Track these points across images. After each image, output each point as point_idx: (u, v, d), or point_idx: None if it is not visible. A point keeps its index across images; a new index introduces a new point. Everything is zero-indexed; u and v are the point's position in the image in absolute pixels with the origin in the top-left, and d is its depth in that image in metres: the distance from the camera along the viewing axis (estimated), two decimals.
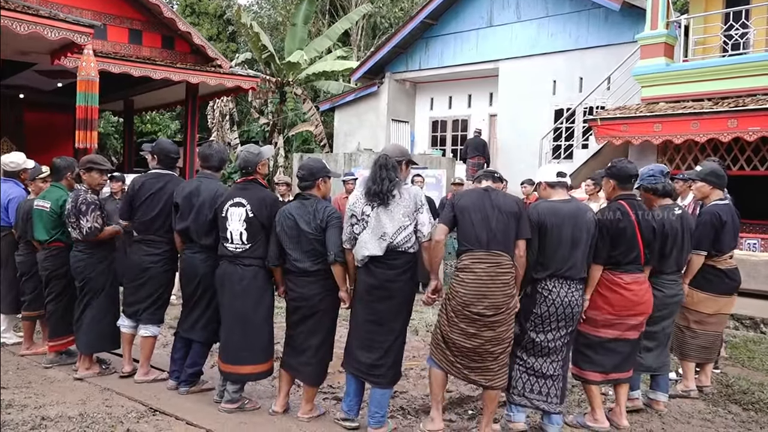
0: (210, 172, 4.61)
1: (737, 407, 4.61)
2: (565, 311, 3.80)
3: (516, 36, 14.18)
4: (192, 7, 25.99)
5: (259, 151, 4.37)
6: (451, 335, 3.75)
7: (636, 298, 3.97)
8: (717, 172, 4.80)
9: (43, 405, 4.22)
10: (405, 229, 3.76)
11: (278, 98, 19.21)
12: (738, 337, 6.73)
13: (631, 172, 4.13)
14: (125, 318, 4.80)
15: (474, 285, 3.65)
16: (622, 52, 11.75)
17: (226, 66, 12.96)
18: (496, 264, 3.65)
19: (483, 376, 3.73)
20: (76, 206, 4.71)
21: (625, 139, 10.22)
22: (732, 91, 9.53)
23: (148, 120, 22.97)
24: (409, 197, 3.80)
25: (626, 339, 4.04)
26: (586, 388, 4.14)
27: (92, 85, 8.73)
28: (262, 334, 4.22)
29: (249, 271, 4.16)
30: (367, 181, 3.89)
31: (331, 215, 3.98)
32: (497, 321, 3.65)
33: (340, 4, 25.47)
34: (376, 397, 3.85)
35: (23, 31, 8.22)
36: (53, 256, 5.04)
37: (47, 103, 14.52)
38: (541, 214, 3.84)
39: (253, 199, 4.16)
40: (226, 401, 4.21)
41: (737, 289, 4.88)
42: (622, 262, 3.97)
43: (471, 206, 3.75)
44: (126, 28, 11.86)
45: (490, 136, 15.61)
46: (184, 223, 4.43)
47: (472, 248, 3.70)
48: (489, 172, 4.06)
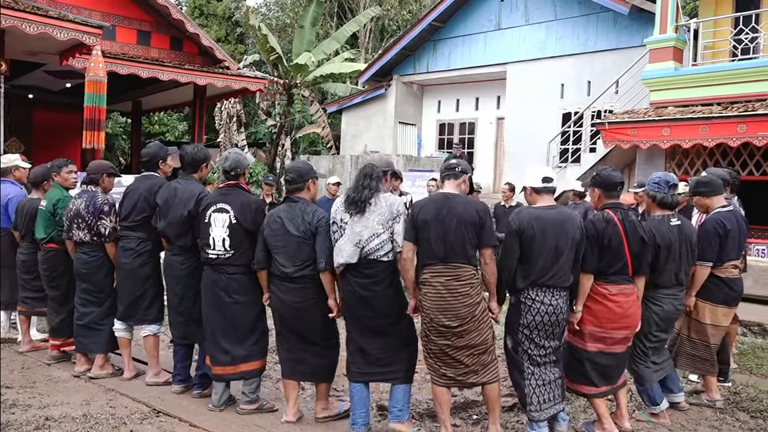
0: (186, 175, 4.58)
1: (745, 414, 4.55)
2: (550, 319, 3.74)
3: (524, 39, 14.16)
4: (201, 8, 26.10)
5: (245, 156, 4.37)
6: (429, 346, 3.76)
7: (621, 310, 3.85)
8: (703, 181, 4.67)
9: (47, 405, 4.23)
10: (378, 236, 3.73)
11: (286, 100, 19.22)
12: (746, 344, 6.66)
13: (616, 180, 4.05)
14: (117, 321, 4.77)
15: (435, 299, 3.65)
16: (631, 55, 11.71)
17: (234, 68, 13.00)
18: (455, 277, 3.63)
19: (470, 377, 3.72)
20: (97, 207, 4.71)
21: (633, 143, 10.16)
22: (741, 95, 9.45)
23: (156, 121, 23.06)
24: (386, 206, 3.77)
25: (613, 353, 3.95)
26: (591, 400, 4.09)
27: (100, 86, 8.77)
28: (250, 336, 4.19)
29: (235, 279, 4.11)
30: (349, 189, 3.89)
31: (321, 220, 3.93)
32: (465, 330, 3.64)
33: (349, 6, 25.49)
34: (396, 394, 3.84)
35: (33, 31, 8.27)
36: (50, 258, 5.10)
37: (56, 103, 14.59)
38: (523, 221, 3.75)
39: (236, 205, 4.11)
40: (245, 402, 4.19)
41: (737, 301, 4.69)
42: (608, 271, 3.86)
43: (430, 220, 3.65)
44: (135, 29, 11.90)
45: (498, 140, 15.58)
46: (161, 224, 4.46)
47: (430, 262, 3.67)
48: (451, 170, 3.83)
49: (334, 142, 19.08)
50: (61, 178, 5.17)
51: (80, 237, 4.77)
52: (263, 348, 4.29)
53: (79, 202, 4.78)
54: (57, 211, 4.99)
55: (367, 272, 3.76)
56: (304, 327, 4.00)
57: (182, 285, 4.42)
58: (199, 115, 13.29)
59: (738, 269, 4.67)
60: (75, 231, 4.78)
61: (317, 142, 21.59)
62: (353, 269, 3.77)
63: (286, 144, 18.80)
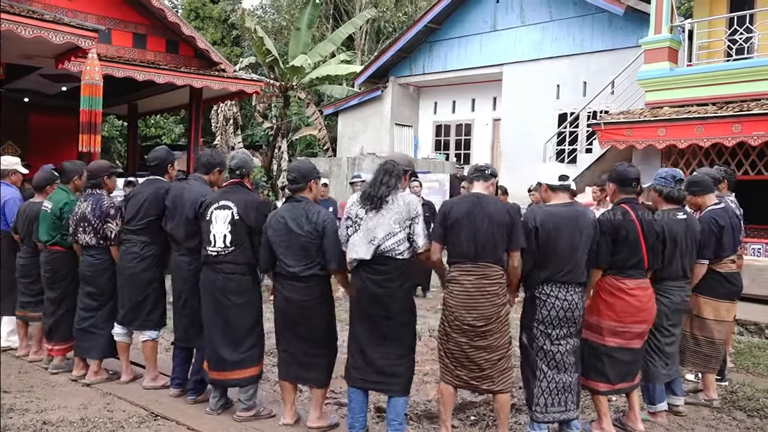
0: (198, 175, 4.60)
1: (742, 414, 4.57)
2: (566, 315, 3.76)
3: (520, 40, 14.17)
4: (197, 11, 26.08)
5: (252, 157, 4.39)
6: (448, 345, 3.75)
7: (639, 304, 3.93)
8: (694, 180, 4.79)
9: (45, 409, 4.22)
10: (394, 235, 3.71)
11: (282, 102, 19.24)
12: (743, 343, 6.68)
13: (632, 176, 4.10)
14: (117, 325, 4.75)
15: (462, 297, 3.66)
16: (626, 56, 11.72)
17: (230, 70, 12.98)
18: (483, 276, 3.64)
19: (483, 383, 3.71)
20: (103, 210, 4.70)
21: (628, 143, 10.19)
22: (736, 95, 9.49)
23: (153, 124, 23.06)
24: (403, 204, 3.74)
25: (631, 348, 4.00)
26: (594, 398, 4.10)
27: (96, 89, 8.74)
28: (247, 340, 4.16)
29: (233, 279, 4.10)
30: (367, 183, 3.87)
31: (326, 220, 3.91)
32: (489, 330, 3.65)
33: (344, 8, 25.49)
34: (393, 404, 3.80)
35: (28, 35, 8.23)
36: (53, 260, 5.05)
37: (52, 107, 14.55)
38: (538, 219, 3.77)
39: (240, 202, 4.12)
40: (242, 409, 4.14)
41: (738, 295, 4.81)
42: (625, 266, 3.93)
43: (461, 218, 3.67)
44: (130, 32, 11.88)
45: (494, 141, 15.60)
46: (170, 225, 4.48)
47: (460, 260, 3.69)
48: (480, 171, 3.88)
49: (330, 144, 19.09)
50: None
51: (86, 240, 4.75)
52: (259, 354, 4.24)
53: (85, 206, 4.76)
54: (63, 215, 4.96)
55: (380, 269, 3.73)
56: (307, 327, 3.96)
57: (189, 285, 4.41)
58: (196, 118, 13.29)
59: (735, 264, 4.78)
60: (81, 234, 4.76)
61: (314, 145, 21.60)
62: (366, 265, 3.74)
63: (282, 146, 18.81)
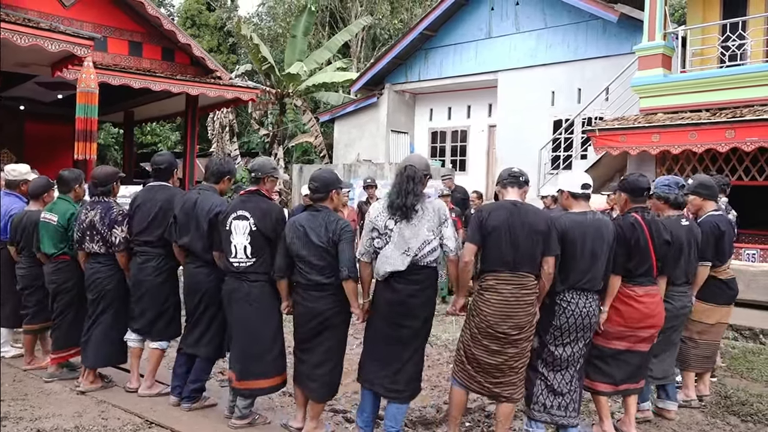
0: (208, 185, 4.57)
1: (736, 418, 4.59)
2: (583, 322, 3.79)
3: (515, 47, 14.25)
4: (192, 19, 26.16)
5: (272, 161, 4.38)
6: (473, 351, 3.72)
7: (647, 310, 3.97)
8: (706, 184, 4.86)
9: (39, 417, 4.21)
10: (429, 243, 3.68)
11: (278, 109, 19.29)
12: (737, 348, 6.70)
13: (644, 186, 4.14)
14: (131, 332, 4.73)
15: (499, 306, 3.61)
16: (621, 63, 11.79)
17: (226, 77, 13.01)
18: (522, 285, 3.62)
19: (505, 389, 3.71)
20: (112, 219, 4.65)
21: (623, 149, 10.23)
22: (729, 101, 9.55)
23: (149, 131, 23.06)
24: (433, 211, 3.72)
25: (637, 351, 4.04)
26: (595, 399, 4.13)
27: (92, 97, 8.75)
28: (272, 348, 4.15)
29: (256, 287, 4.08)
30: (391, 193, 3.76)
31: (344, 229, 3.86)
32: (521, 338, 3.65)
33: (340, 16, 25.60)
34: (392, 411, 3.79)
35: (24, 43, 8.26)
36: (60, 269, 4.96)
37: (47, 115, 14.55)
38: (565, 227, 3.78)
39: (257, 212, 4.08)
40: (237, 417, 4.15)
41: (735, 299, 4.93)
42: (635, 273, 3.98)
43: (500, 226, 3.62)
44: (126, 40, 11.91)
45: (489, 147, 15.65)
46: (186, 238, 4.38)
47: (498, 269, 3.65)
48: (515, 177, 3.83)
49: (326, 151, 19.12)
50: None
51: (93, 248, 4.70)
52: (282, 363, 4.23)
53: (93, 214, 4.68)
54: (71, 225, 4.88)
55: (414, 278, 3.68)
56: (325, 336, 3.93)
57: (208, 296, 4.37)
58: (192, 125, 13.30)
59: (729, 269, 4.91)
60: (88, 243, 4.70)
61: (310, 151, 21.62)
62: (399, 276, 3.68)
63: (278, 153, 18.83)
